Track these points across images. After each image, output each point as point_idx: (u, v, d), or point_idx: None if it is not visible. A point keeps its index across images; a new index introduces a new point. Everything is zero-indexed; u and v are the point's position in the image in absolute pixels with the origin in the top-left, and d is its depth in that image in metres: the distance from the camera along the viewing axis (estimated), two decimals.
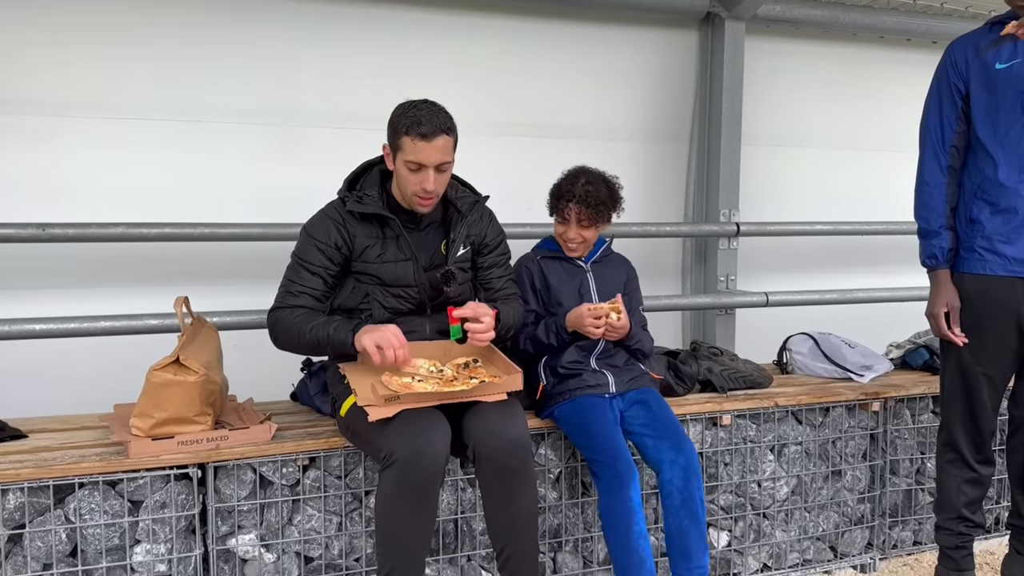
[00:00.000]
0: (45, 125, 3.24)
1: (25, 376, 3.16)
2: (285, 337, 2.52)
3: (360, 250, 2.54)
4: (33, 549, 2.32)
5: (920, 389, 3.34)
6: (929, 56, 4.65)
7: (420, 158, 2.43)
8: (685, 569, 2.60)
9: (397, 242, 2.56)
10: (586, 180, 2.83)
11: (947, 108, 2.67)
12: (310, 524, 2.56)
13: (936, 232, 2.69)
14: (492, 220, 2.75)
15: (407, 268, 2.56)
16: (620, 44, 4.11)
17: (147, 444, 2.38)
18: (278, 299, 2.55)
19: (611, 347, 2.82)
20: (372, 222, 2.55)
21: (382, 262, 2.54)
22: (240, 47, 3.46)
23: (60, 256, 3.22)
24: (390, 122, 2.50)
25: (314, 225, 2.57)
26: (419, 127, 2.40)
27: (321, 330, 2.44)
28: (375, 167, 2.65)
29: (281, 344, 2.55)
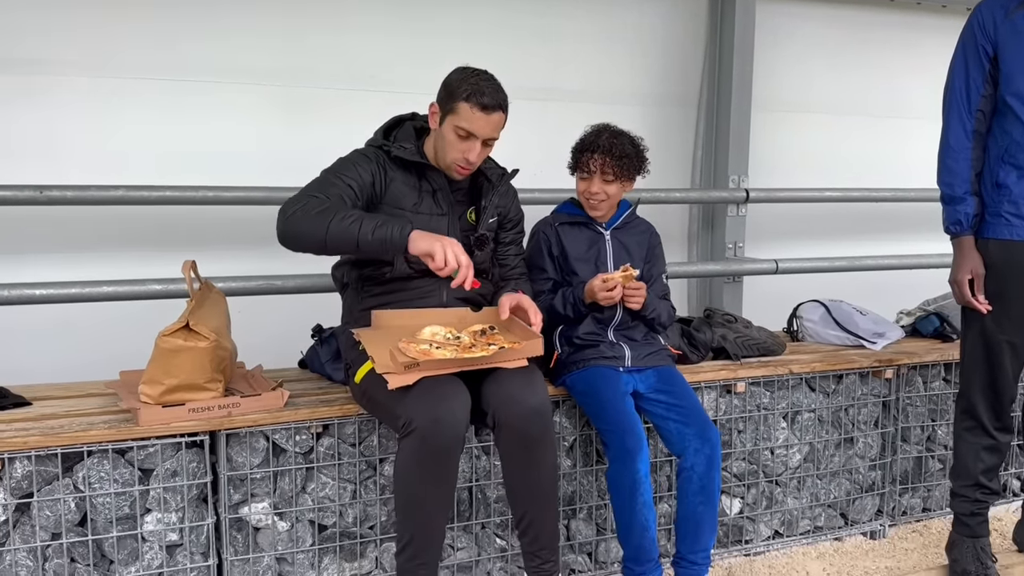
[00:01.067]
0: (39, 84, 3.13)
1: (26, 342, 3.09)
2: (307, 222, 2.22)
3: (395, 196, 2.46)
4: (42, 518, 2.26)
5: (932, 356, 3.32)
6: (939, 20, 4.60)
7: (474, 128, 2.39)
8: (691, 551, 2.61)
9: (434, 196, 2.51)
10: (610, 134, 2.77)
11: (973, 71, 2.61)
12: (324, 492, 2.52)
13: (961, 198, 2.64)
14: (516, 197, 2.73)
15: (442, 223, 2.50)
16: (627, 6, 4.02)
17: (157, 411, 2.33)
18: (305, 191, 2.33)
19: (629, 319, 2.77)
20: (411, 172, 2.49)
21: (417, 212, 2.48)
22: (244, 4, 3.35)
23: (59, 219, 3.13)
24: (447, 83, 2.43)
25: (351, 154, 2.49)
26: (482, 97, 2.37)
27: (366, 221, 2.19)
28: (406, 122, 2.58)
29: (296, 230, 2.25)
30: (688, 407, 2.65)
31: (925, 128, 4.61)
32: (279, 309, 3.27)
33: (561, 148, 3.90)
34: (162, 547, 2.37)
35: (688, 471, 2.59)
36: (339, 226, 2.20)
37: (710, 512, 2.59)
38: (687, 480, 2.59)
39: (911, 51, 4.51)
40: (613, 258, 2.82)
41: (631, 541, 2.54)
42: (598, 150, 2.73)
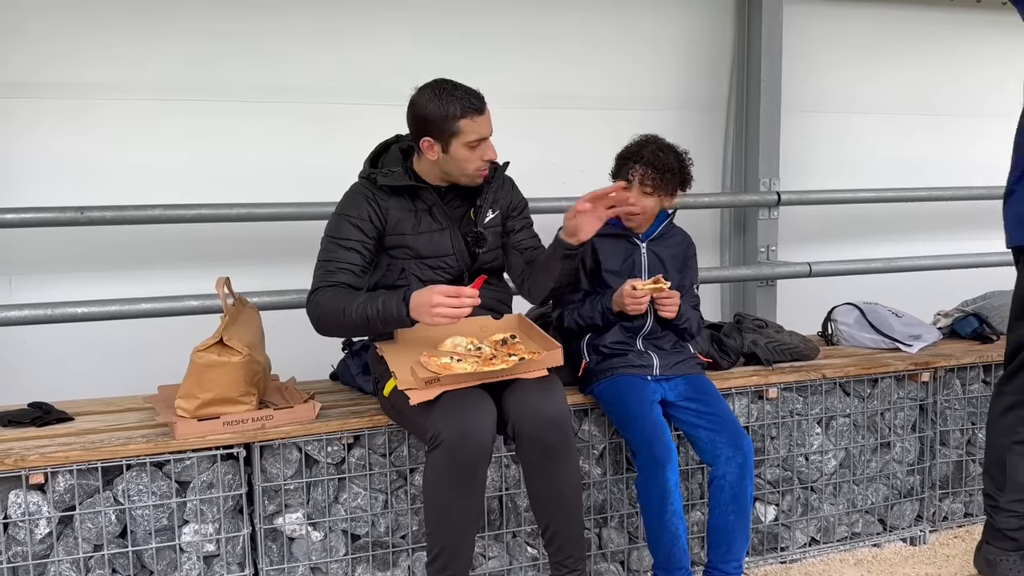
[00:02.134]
0: (75, 108, 3.23)
1: (68, 359, 3.19)
2: (329, 319, 2.41)
3: (394, 223, 2.51)
4: (84, 531, 2.33)
5: (970, 358, 3.26)
6: (972, 16, 4.52)
7: (483, 132, 2.45)
8: (723, 560, 2.60)
9: (430, 212, 2.54)
10: (656, 146, 2.75)
11: None
12: (356, 502, 2.56)
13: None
14: (514, 186, 2.74)
15: (443, 237, 2.54)
16: (654, 11, 4.02)
17: (193, 425, 2.38)
18: (315, 281, 2.47)
19: (658, 328, 2.76)
20: (403, 195, 2.53)
21: (417, 233, 2.52)
22: (271, 25, 3.43)
23: (98, 239, 3.22)
24: (426, 116, 2.42)
25: (344, 204, 2.55)
26: (472, 103, 2.42)
27: (370, 306, 2.33)
28: (392, 146, 2.62)
29: (324, 328, 2.46)
30: (719, 415, 2.63)
31: (959, 126, 4.57)
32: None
33: (589, 156, 3.94)
34: (199, 558, 2.42)
35: (720, 479, 2.58)
36: (352, 320, 2.36)
37: (742, 521, 2.58)
38: (719, 489, 2.58)
39: (943, 48, 4.44)
40: (648, 270, 2.80)
41: (661, 550, 2.54)
42: (640, 161, 2.71)
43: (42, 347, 3.17)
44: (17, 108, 3.17)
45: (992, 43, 4.56)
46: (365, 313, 2.33)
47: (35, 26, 3.17)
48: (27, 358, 3.17)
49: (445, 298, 2.24)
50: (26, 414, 2.60)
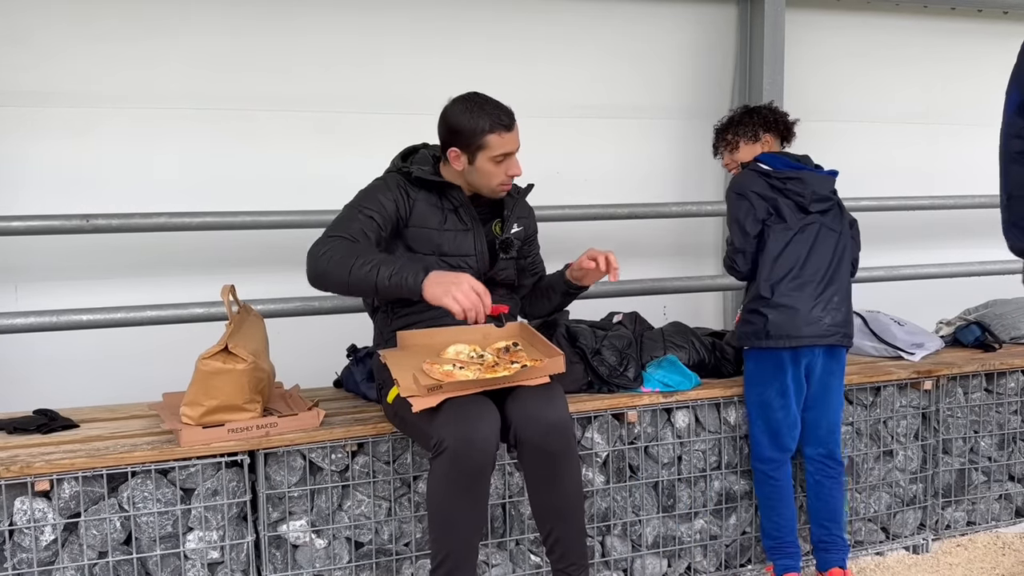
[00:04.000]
0: (81, 116, 3.25)
1: (73, 366, 3.20)
2: (331, 265, 2.29)
3: (420, 216, 2.54)
4: (89, 537, 2.34)
5: (973, 367, 3.26)
6: (974, 25, 4.54)
7: (509, 148, 2.51)
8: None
9: (456, 212, 2.58)
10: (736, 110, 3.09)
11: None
12: (360, 509, 2.57)
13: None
14: (532, 213, 2.85)
15: (467, 238, 2.58)
16: (657, 21, 4.04)
17: (198, 432, 2.39)
18: (329, 231, 2.40)
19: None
20: (432, 191, 2.57)
21: (443, 230, 2.55)
22: (275, 32, 3.45)
23: (104, 246, 3.24)
24: (457, 129, 2.47)
25: (373, 184, 2.58)
26: (501, 120, 2.47)
27: (384, 267, 2.23)
28: (421, 149, 2.67)
29: (321, 271, 2.31)
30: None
31: (959, 134, 4.58)
32: (316, 330, 3.34)
33: (594, 165, 3.97)
34: (204, 565, 2.43)
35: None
36: (359, 272, 2.26)
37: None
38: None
39: (944, 57, 4.45)
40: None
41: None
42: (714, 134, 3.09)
43: (47, 354, 3.19)
44: (24, 116, 3.19)
45: (993, 52, 4.58)
46: (378, 270, 2.24)
47: (42, 35, 3.19)
48: (32, 365, 3.18)
49: (471, 288, 2.21)
50: (31, 421, 2.61)
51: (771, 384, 2.82)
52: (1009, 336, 3.56)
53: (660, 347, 2.98)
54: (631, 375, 2.83)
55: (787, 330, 2.76)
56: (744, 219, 2.83)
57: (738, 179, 2.90)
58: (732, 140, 2.99)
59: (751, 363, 2.88)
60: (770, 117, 3.00)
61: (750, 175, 2.88)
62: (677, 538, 2.91)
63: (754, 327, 2.81)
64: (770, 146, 2.96)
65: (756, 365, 2.86)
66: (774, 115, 3.01)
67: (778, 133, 2.99)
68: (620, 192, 3.92)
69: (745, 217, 2.82)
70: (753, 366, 2.87)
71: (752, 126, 2.97)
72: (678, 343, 3.02)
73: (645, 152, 4.08)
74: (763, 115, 2.99)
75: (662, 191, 4.08)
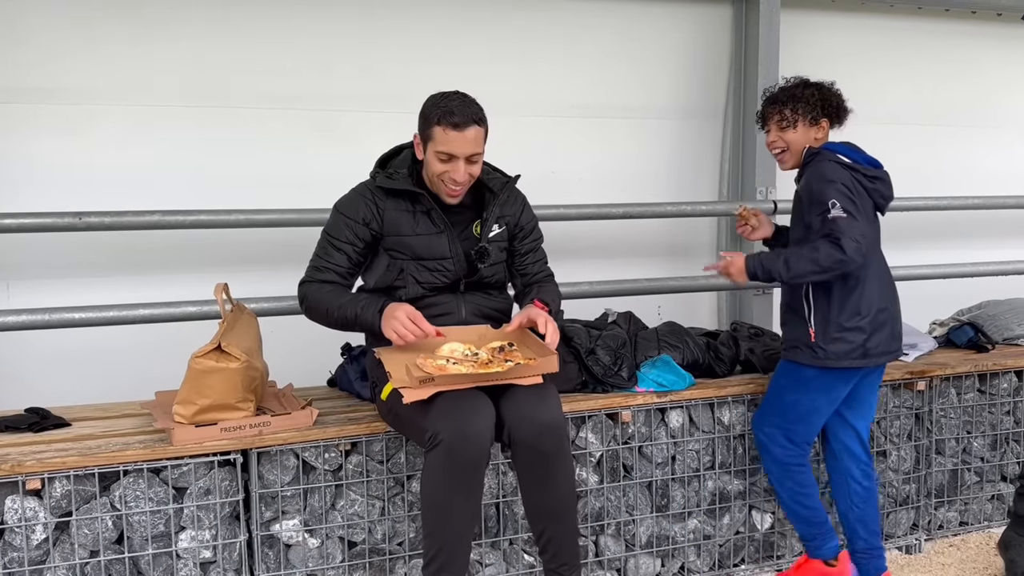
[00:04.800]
0: (76, 113, 3.24)
1: (65, 364, 3.19)
2: (314, 312, 2.55)
3: (392, 224, 2.53)
4: (80, 536, 2.33)
5: (966, 367, 3.27)
6: (968, 27, 4.55)
7: (451, 148, 2.42)
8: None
9: (429, 216, 2.55)
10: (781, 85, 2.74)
11: None
12: (353, 509, 2.56)
13: None
14: (525, 204, 2.72)
15: (442, 240, 2.54)
16: (653, 21, 4.04)
17: (190, 431, 2.39)
18: (307, 273, 2.58)
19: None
20: (403, 198, 2.55)
21: (415, 234, 2.54)
22: (272, 31, 3.44)
23: (97, 244, 3.23)
24: (421, 112, 2.49)
25: (344, 202, 2.59)
26: (451, 116, 2.40)
27: (349, 309, 2.46)
28: (405, 149, 2.64)
29: (312, 317, 2.58)
30: None
31: (953, 136, 4.59)
32: (309, 329, 3.30)
33: (589, 164, 3.96)
34: (196, 564, 2.42)
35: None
36: (335, 319, 2.50)
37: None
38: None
39: (939, 58, 4.46)
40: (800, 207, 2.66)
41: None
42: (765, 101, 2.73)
43: (39, 352, 3.17)
44: (17, 113, 3.17)
45: (987, 54, 4.59)
46: (345, 315, 2.47)
47: (35, 32, 3.17)
48: (24, 363, 3.17)
49: (405, 318, 2.35)
50: (23, 420, 2.60)
51: (829, 393, 2.67)
52: (1002, 337, 3.57)
53: (654, 347, 2.98)
54: (625, 375, 2.83)
55: (887, 347, 2.63)
56: (859, 202, 2.52)
57: (825, 170, 2.55)
58: (790, 117, 2.64)
59: (813, 374, 2.64)
60: (833, 101, 2.67)
61: (835, 167, 2.55)
62: (671, 538, 2.92)
63: (851, 345, 2.58)
64: (825, 134, 2.68)
65: (819, 375, 2.64)
66: (837, 99, 2.68)
67: (833, 120, 2.69)
68: (615, 192, 3.92)
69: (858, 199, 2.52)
70: (815, 375, 2.64)
71: (814, 106, 2.63)
72: (672, 343, 3.02)
73: (640, 152, 4.08)
74: (825, 95, 2.66)
75: (657, 191, 4.08)
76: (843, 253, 2.44)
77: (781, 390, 2.75)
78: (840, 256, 2.44)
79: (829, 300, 2.60)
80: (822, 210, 2.50)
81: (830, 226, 2.48)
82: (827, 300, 2.60)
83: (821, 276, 2.53)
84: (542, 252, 2.77)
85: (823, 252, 2.47)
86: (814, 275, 2.53)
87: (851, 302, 2.59)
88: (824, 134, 2.66)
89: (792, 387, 2.71)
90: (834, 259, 2.46)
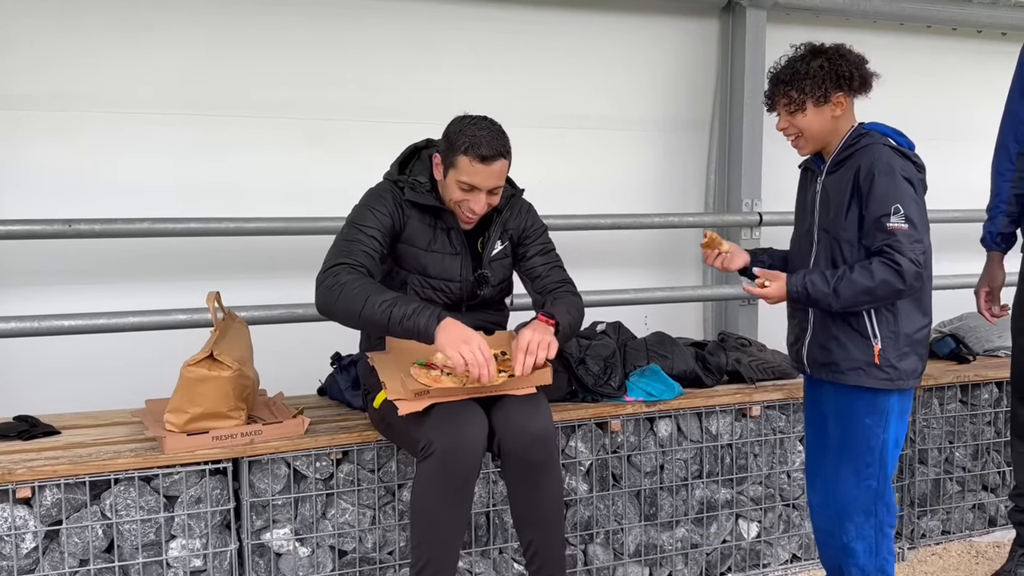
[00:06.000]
0: (67, 120, 3.23)
1: (54, 373, 3.17)
2: (346, 302, 2.26)
3: (411, 234, 2.50)
4: (70, 545, 2.32)
5: (948, 378, 3.32)
6: (948, 43, 4.63)
7: (475, 181, 2.38)
8: None
9: (448, 235, 2.53)
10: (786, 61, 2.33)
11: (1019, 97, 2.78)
12: (344, 518, 2.57)
13: (991, 217, 2.84)
14: (531, 212, 2.69)
15: (455, 263, 2.53)
16: (641, 34, 4.09)
17: (182, 439, 2.39)
18: (333, 257, 2.36)
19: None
20: (425, 211, 2.51)
21: (430, 251, 2.51)
22: (265, 41, 3.45)
23: (86, 252, 3.22)
24: (447, 134, 2.43)
25: (369, 196, 2.52)
26: (479, 149, 2.34)
27: (399, 306, 2.22)
28: (422, 151, 2.59)
29: (332, 307, 2.30)
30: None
31: (938, 150, 4.65)
32: (300, 337, 3.33)
33: (578, 175, 3.99)
34: (186, 573, 2.42)
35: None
36: (371, 311, 2.23)
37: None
38: None
39: (920, 74, 4.53)
40: (819, 210, 2.35)
41: None
42: (770, 81, 2.31)
43: (29, 360, 3.16)
44: (5, 120, 3.16)
45: (967, 70, 4.67)
46: (391, 311, 2.22)
47: (24, 38, 3.17)
48: (14, 371, 3.15)
49: (479, 351, 2.18)
50: (12, 427, 2.58)
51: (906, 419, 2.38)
52: (983, 348, 3.63)
53: (643, 356, 3.01)
54: (615, 384, 2.85)
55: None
56: (922, 207, 2.20)
57: (894, 161, 2.22)
58: (798, 99, 2.27)
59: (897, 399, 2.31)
60: (845, 69, 2.26)
61: (901, 160, 2.24)
62: (659, 546, 2.94)
63: (915, 366, 2.30)
64: (844, 109, 2.29)
65: (902, 400, 2.33)
66: (852, 66, 2.28)
67: (852, 91, 2.30)
68: (602, 203, 3.96)
69: (921, 204, 2.21)
70: (898, 401, 2.32)
71: (822, 82, 2.25)
72: (661, 353, 3.05)
73: (628, 163, 4.12)
74: (836, 65, 2.26)
75: (644, 202, 4.12)
76: (902, 281, 2.13)
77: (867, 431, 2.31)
78: (899, 285, 2.14)
79: (895, 304, 2.24)
80: (881, 213, 2.17)
81: (888, 240, 2.15)
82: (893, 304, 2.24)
83: (872, 305, 2.22)
84: (554, 256, 2.68)
85: (879, 279, 2.14)
86: (865, 305, 2.22)
87: (921, 303, 2.27)
88: (843, 109, 2.28)
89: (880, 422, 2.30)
90: (891, 288, 2.14)
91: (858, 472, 2.34)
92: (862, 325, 2.27)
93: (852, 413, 2.33)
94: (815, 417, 2.51)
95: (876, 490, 2.33)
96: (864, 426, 2.32)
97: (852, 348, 2.28)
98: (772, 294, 2.29)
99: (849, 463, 2.34)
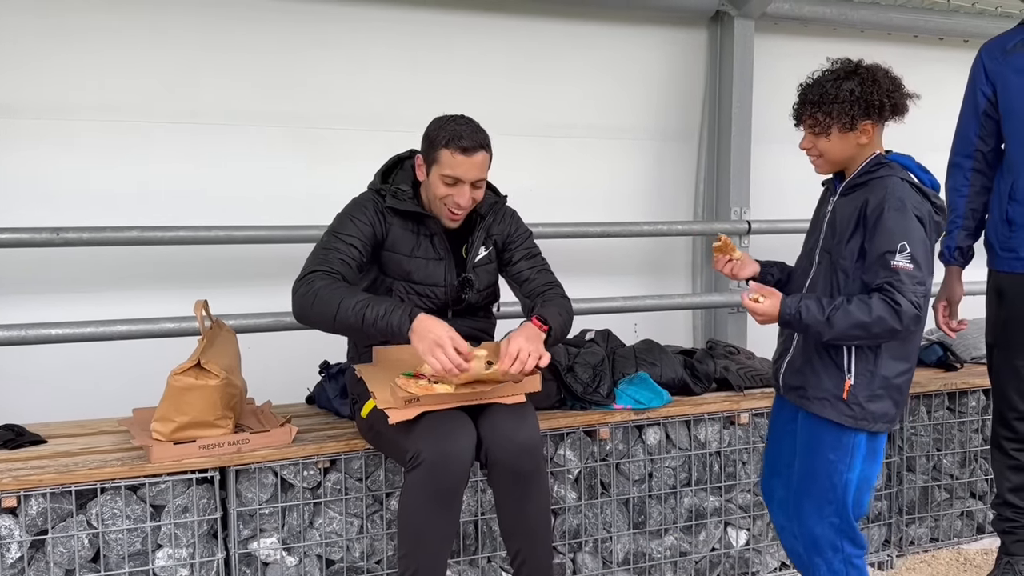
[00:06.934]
0: (55, 128, 3.23)
1: (41, 381, 3.16)
2: (320, 307, 2.28)
3: (393, 240, 2.51)
4: (56, 555, 2.31)
5: (936, 386, 3.33)
6: (935, 52, 4.66)
7: (459, 173, 2.41)
8: None
9: (431, 241, 2.54)
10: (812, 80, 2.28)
11: (973, 112, 2.81)
12: (331, 527, 2.56)
13: (949, 232, 2.83)
14: (514, 217, 2.71)
15: (439, 268, 2.54)
16: (629, 43, 4.11)
17: (169, 448, 2.38)
18: (310, 264, 2.39)
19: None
20: (407, 218, 2.53)
21: (414, 256, 2.52)
22: (254, 48, 3.46)
23: (75, 260, 3.21)
24: (426, 134, 2.47)
25: (351, 207, 2.54)
26: (460, 140, 2.39)
27: (371, 307, 2.25)
28: (405, 161, 2.62)
29: (308, 313, 2.33)
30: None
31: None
32: (288, 346, 3.33)
33: (569, 182, 4.01)
34: None
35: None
36: (345, 314, 2.26)
37: None
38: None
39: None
40: (826, 231, 2.28)
41: None
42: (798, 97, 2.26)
43: (15, 369, 3.14)
44: None
45: (953, 79, 4.68)
46: (363, 313, 2.25)
47: (12, 47, 3.16)
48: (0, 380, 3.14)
49: (451, 349, 2.20)
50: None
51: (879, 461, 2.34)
52: (970, 356, 3.65)
53: (632, 364, 3.02)
54: (604, 392, 2.85)
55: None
56: (928, 248, 2.15)
57: (907, 198, 2.14)
58: (823, 122, 2.19)
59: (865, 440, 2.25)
60: (876, 98, 2.16)
61: (916, 196, 2.16)
62: (647, 555, 2.94)
63: (886, 410, 2.23)
64: (870, 137, 2.21)
65: (871, 441, 2.27)
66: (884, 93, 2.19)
67: (880, 119, 2.21)
68: (591, 211, 3.97)
69: (928, 243, 2.14)
70: (866, 442, 2.26)
71: (850, 108, 2.16)
72: (649, 360, 3.05)
73: (616, 171, 4.14)
74: (867, 91, 2.17)
75: (633, 210, 4.14)
76: (899, 322, 2.06)
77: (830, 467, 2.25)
78: (895, 325, 2.07)
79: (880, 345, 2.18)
80: (886, 249, 2.10)
81: (890, 278, 2.08)
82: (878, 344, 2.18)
83: (864, 342, 2.16)
84: (540, 260, 2.68)
85: (875, 315, 2.07)
86: (857, 340, 2.15)
87: (905, 348, 2.20)
88: (869, 137, 2.20)
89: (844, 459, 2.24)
90: (886, 327, 2.08)
91: (820, 509, 2.28)
92: (840, 357, 2.21)
93: (818, 445, 2.28)
94: (778, 436, 2.48)
95: (839, 527, 2.28)
96: (828, 461, 2.25)
97: (824, 378, 2.23)
98: (764, 311, 2.19)
99: (811, 498, 2.29)
